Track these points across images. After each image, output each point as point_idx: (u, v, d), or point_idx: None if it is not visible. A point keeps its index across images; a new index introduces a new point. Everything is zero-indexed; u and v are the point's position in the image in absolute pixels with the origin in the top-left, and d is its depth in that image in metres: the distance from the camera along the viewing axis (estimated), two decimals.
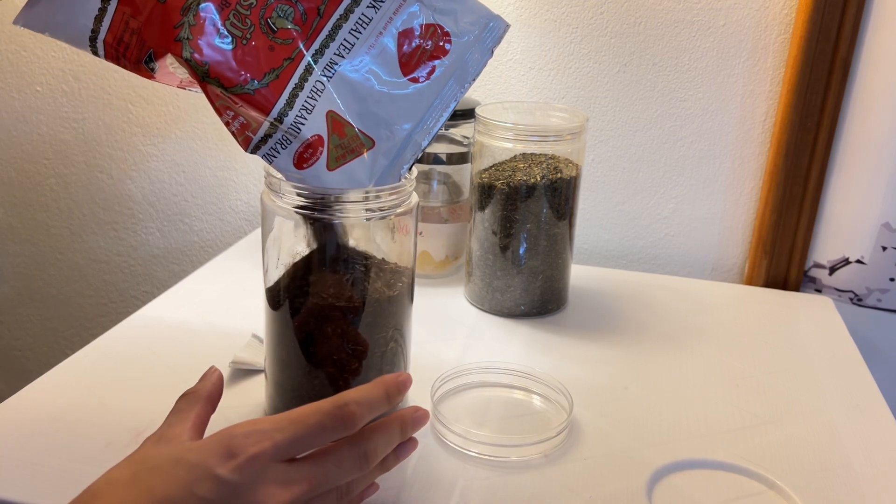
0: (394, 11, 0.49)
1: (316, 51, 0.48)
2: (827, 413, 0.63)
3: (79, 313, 1.10)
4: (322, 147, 0.49)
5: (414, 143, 0.51)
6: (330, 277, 0.52)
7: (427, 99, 0.50)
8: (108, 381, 0.62)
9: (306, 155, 0.49)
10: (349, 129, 0.49)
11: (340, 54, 0.49)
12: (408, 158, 0.51)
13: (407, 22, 0.49)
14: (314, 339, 0.53)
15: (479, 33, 0.51)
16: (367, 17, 0.49)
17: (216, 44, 0.46)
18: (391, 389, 0.44)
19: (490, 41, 0.51)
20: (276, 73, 0.47)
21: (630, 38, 0.86)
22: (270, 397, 0.57)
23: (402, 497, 0.51)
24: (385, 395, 0.44)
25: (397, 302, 0.55)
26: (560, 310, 0.78)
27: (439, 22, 0.50)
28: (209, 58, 0.46)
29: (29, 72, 1.00)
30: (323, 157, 0.49)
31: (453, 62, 0.50)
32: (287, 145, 0.49)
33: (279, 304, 0.54)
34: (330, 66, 0.49)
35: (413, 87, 0.50)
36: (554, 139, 0.73)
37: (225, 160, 1.00)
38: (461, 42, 0.50)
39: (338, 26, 0.48)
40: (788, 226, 0.86)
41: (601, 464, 0.55)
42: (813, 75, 0.80)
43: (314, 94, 0.48)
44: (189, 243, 1.05)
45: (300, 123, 0.48)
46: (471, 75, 0.51)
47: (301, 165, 0.49)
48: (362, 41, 0.49)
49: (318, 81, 0.48)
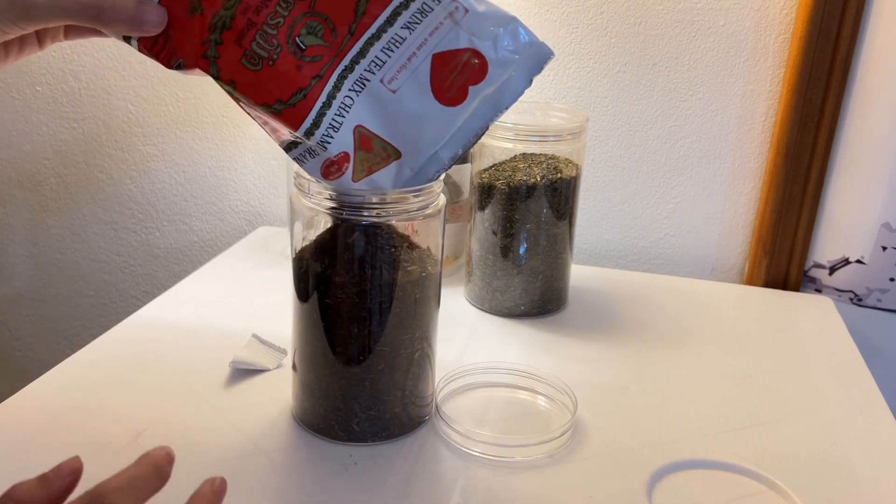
0: (429, 33, 0.47)
1: (346, 66, 0.47)
2: (827, 413, 0.63)
3: (79, 313, 1.10)
4: (348, 163, 0.48)
5: (439, 161, 0.50)
6: (357, 278, 0.52)
7: (455, 122, 0.49)
8: (108, 381, 0.62)
9: (332, 169, 0.49)
10: (376, 142, 0.49)
11: (371, 70, 0.47)
12: (431, 174, 0.51)
13: (443, 45, 0.47)
14: (340, 339, 0.53)
15: (520, 61, 0.48)
16: (400, 37, 0.47)
17: (243, 64, 0.46)
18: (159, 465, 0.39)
19: (531, 70, 0.49)
20: (303, 93, 0.46)
21: (630, 38, 0.86)
22: (297, 396, 0.58)
23: (403, 496, 0.51)
24: (155, 470, 0.39)
25: (424, 304, 0.55)
26: (560, 310, 0.78)
27: (477, 48, 0.47)
28: (236, 78, 0.46)
29: (29, 72, 1.00)
30: (349, 171, 0.49)
31: (488, 87, 0.48)
32: (314, 156, 0.49)
33: (307, 297, 0.54)
34: (361, 80, 0.48)
35: (442, 110, 0.48)
36: (554, 139, 0.73)
37: (225, 160, 1.00)
38: (499, 68, 0.48)
39: (370, 44, 0.47)
40: (788, 226, 0.86)
41: (601, 463, 0.55)
42: (813, 75, 0.80)
43: (342, 111, 0.47)
44: (189, 243, 1.05)
45: (327, 142, 0.47)
46: (507, 102, 0.49)
47: (328, 176, 0.49)
48: (395, 59, 0.47)
49: (347, 97, 0.47)
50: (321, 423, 0.56)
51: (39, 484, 0.38)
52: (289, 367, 0.63)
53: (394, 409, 0.56)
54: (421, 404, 0.58)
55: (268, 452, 0.54)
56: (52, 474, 0.38)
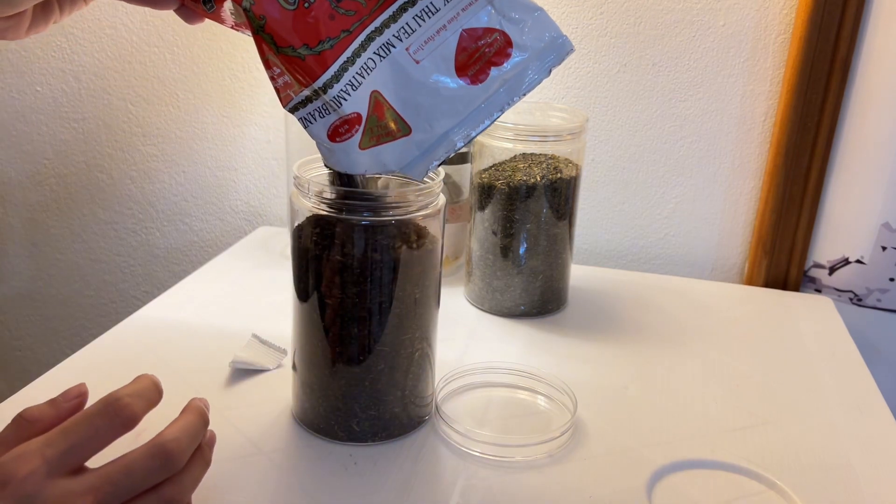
0: (462, 8, 0.47)
1: (375, 28, 0.47)
2: (827, 413, 0.63)
3: (79, 313, 1.10)
4: (359, 125, 0.48)
5: (449, 142, 0.50)
6: (357, 278, 0.52)
7: (473, 102, 0.49)
8: (108, 381, 0.62)
9: (342, 130, 0.48)
10: (389, 112, 0.48)
11: (399, 37, 0.47)
12: (439, 155, 0.50)
13: (474, 22, 0.47)
14: (340, 339, 0.53)
15: (542, 50, 0.49)
16: (434, 6, 0.47)
17: (278, 1, 0.45)
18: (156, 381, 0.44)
19: (551, 60, 0.49)
20: (331, 42, 0.46)
21: (630, 38, 0.86)
22: (297, 396, 0.58)
23: (403, 496, 0.51)
24: (153, 384, 0.43)
25: (424, 304, 0.55)
26: (560, 310, 0.78)
27: (506, 29, 0.48)
28: (268, 13, 0.45)
29: (29, 72, 1.00)
30: (357, 134, 0.48)
31: (509, 72, 0.49)
32: (325, 115, 0.48)
33: (307, 297, 0.54)
34: (386, 46, 0.47)
35: (462, 87, 0.48)
36: (554, 139, 0.73)
37: (225, 160, 1.00)
38: (522, 54, 0.49)
39: (403, 9, 0.47)
40: (788, 226, 0.86)
41: (601, 463, 0.55)
42: (813, 75, 0.80)
43: (363, 72, 0.47)
44: (189, 243, 1.05)
45: (343, 98, 0.46)
46: (523, 89, 0.49)
47: (334, 138, 0.48)
48: (424, 29, 0.47)
49: (371, 59, 0.47)
50: (321, 423, 0.56)
51: (49, 405, 0.42)
52: (289, 367, 0.63)
53: (394, 409, 0.56)
54: (421, 404, 0.58)
55: (268, 452, 0.54)
56: (60, 398, 0.43)
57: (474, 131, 0.50)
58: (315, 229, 0.52)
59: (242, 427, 0.57)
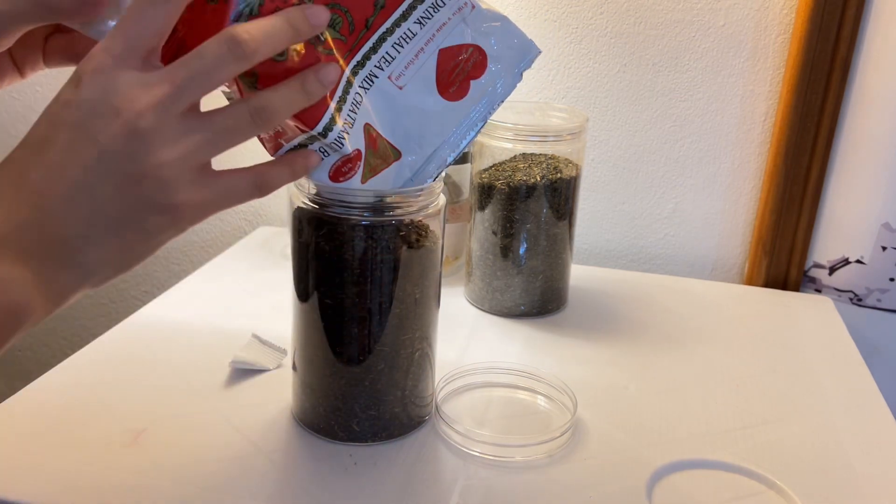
0: (437, 28, 0.48)
1: (357, 62, 0.47)
2: (827, 413, 0.63)
3: (79, 313, 1.10)
4: (360, 161, 0.48)
5: (439, 158, 0.51)
6: (357, 278, 0.52)
7: (458, 117, 0.50)
8: (108, 381, 0.62)
9: (344, 169, 0.48)
10: (381, 141, 0.49)
11: (380, 66, 0.48)
12: (431, 172, 0.51)
13: (449, 40, 0.49)
14: (340, 339, 0.53)
15: (512, 57, 0.51)
16: (412, 31, 0.48)
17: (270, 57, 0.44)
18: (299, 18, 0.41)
19: (522, 66, 0.51)
20: None
21: (630, 38, 0.86)
22: (297, 396, 0.58)
23: (403, 496, 0.51)
24: (288, 23, 0.41)
25: (424, 304, 0.55)
26: (560, 310, 0.78)
27: (479, 43, 0.49)
28: (259, 70, 0.44)
29: None
30: (359, 171, 0.48)
31: (487, 83, 0.50)
32: (324, 157, 0.47)
33: (307, 297, 0.54)
34: (370, 77, 0.48)
35: (446, 105, 0.50)
36: (554, 139, 0.73)
37: (225, 160, 0.99)
38: (496, 64, 0.50)
39: (382, 39, 0.47)
40: (788, 226, 0.86)
41: (601, 463, 0.55)
42: (813, 75, 0.80)
43: (354, 108, 0.47)
44: (189, 243, 1.05)
45: (343, 138, 0.46)
46: (500, 97, 0.51)
47: (337, 179, 0.48)
48: (404, 55, 0.48)
49: (357, 94, 0.47)
50: (321, 423, 0.56)
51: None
52: (289, 367, 0.63)
53: (394, 409, 0.56)
54: (421, 404, 0.58)
55: (268, 452, 0.54)
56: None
57: (461, 144, 0.51)
58: (315, 229, 0.52)
59: (242, 427, 0.57)
